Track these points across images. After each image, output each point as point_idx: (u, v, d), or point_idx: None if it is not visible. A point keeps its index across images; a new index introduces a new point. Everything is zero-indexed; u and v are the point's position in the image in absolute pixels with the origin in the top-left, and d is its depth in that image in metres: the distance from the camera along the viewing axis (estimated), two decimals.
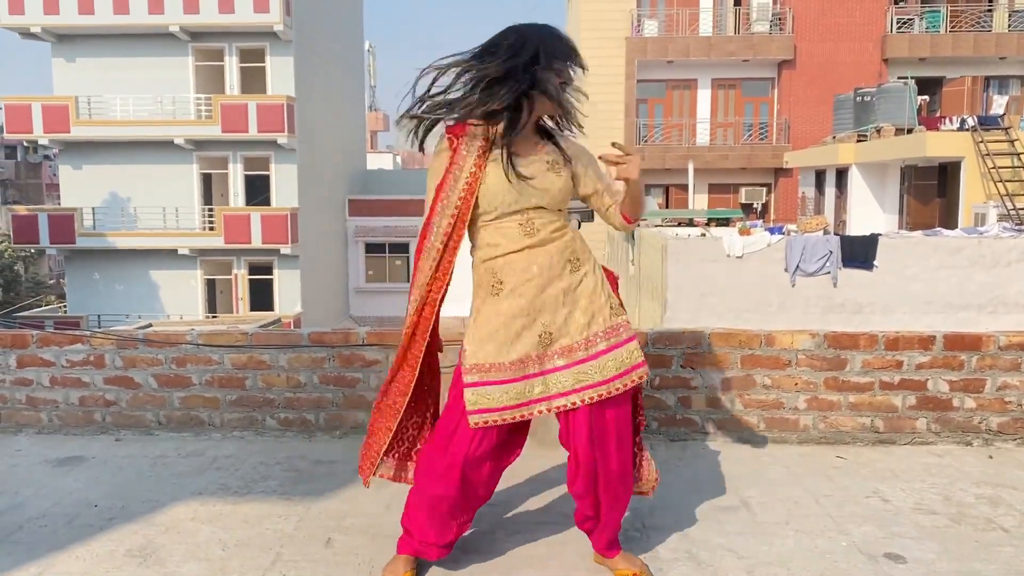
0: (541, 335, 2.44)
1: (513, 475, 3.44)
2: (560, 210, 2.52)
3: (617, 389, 2.44)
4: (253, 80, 24.95)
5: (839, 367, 3.82)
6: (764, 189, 27.08)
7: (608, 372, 2.44)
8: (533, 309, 2.43)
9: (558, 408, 2.44)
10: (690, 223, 18.65)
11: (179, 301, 24.67)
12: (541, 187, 2.44)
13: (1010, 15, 25.53)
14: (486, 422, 2.42)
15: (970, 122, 18.31)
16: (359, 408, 3.95)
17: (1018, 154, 17.34)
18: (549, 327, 2.44)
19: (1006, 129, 17.89)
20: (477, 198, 2.43)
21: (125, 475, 3.49)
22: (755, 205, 26.76)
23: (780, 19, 26.07)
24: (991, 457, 3.67)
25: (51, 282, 36.63)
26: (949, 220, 18.14)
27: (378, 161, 43.28)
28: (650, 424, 3.88)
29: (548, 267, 2.45)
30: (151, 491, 3.30)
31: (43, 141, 24.94)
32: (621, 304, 2.56)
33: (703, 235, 13.63)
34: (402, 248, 29.36)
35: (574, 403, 2.43)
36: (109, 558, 2.72)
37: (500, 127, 2.40)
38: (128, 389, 4.00)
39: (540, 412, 2.45)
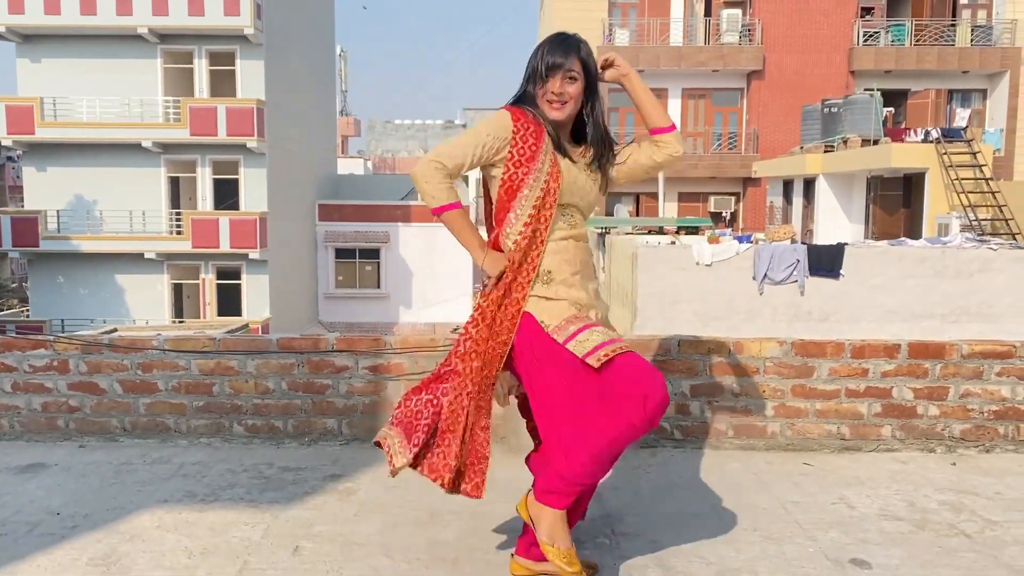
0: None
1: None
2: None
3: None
4: (223, 83, 24.74)
5: (806, 374, 3.86)
6: (733, 198, 27.36)
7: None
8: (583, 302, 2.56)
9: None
10: (660, 231, 18.76)
11: (145, 306, 24.34)
12: (583, 188, 2.60)
13: (972, 30, 26.06)
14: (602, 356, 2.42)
15: (934, 134, 18.64)
16: (328, 415, 3.93)
17: (980, 166, 17.67)
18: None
19: (968, 141, 18.23)
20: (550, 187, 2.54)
21: (89, 482, 3.44)
22: (724, 214, 27.03)
23: (749, 30, 26.38)
24: (954, 464, 3.73)
25: (13, 286, 35.98)
26: (913, 230, 18.44)
27: (349, 166, 43.09)
28: None
29: (582, 267, 2.60)
30: (115, 499, 3.25)
31: (7, 142, 24.49)
32: None
33: (673, 243, 13.71)
34: (372, 254, 29.24)
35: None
36: (71, 567, 2.68)
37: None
38: (92, 395, 3.94)
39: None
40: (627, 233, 18.10)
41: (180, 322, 24.18)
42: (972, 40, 25.97)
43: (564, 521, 2.50)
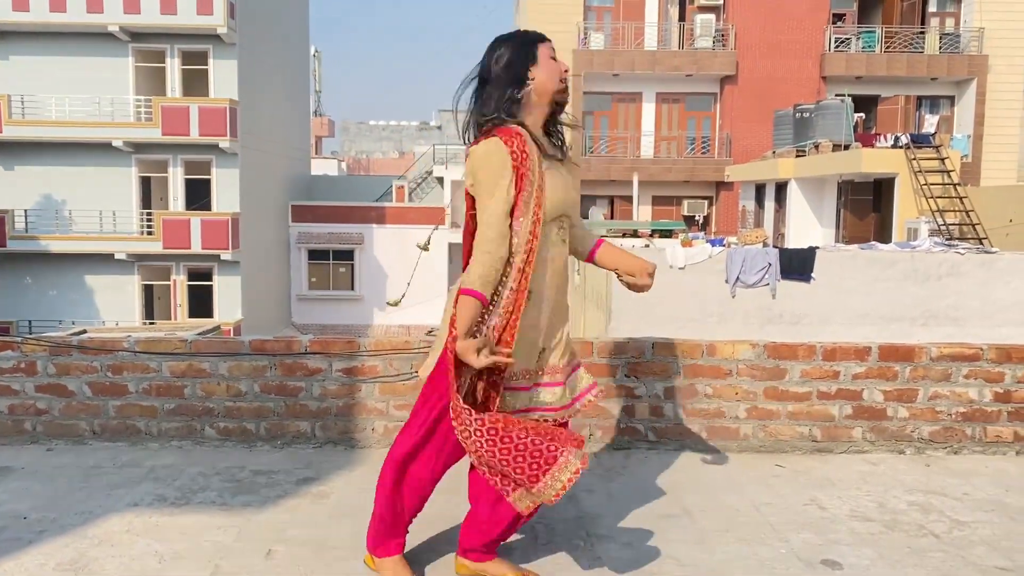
0: (542, 351, 2.51)
1: (454, 488, 3.43)
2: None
3: (576, 411, 2.61)
4: (195, 83, 24.52)
5: (778, 377, 3.89)
6: (706, 202, 27.55)
7: (566, 399, 2.56)
8: (544, 322, 2.50)
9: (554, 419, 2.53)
10: (634, 234, 18.86)
11: (115, 307, 24.04)
12: (574, 194, 2.57)
13: (940, 38, 26.46)
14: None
15: (903, 140, 18.90)
16: (301, 417, 3.90)
17: (948, 172, 17.94)
18: (547, 343, 2.52)
19: (937, 147, 18.51)
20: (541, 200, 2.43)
21: (56, 486, 3.38)
22: (697, 217, 27.21)
23: (723, 35, 26.59)
24: (928, 465, 3.77)
25: None
26: (883, 234, 18.67)
27: (323, 167, 42.83)
28: (594, 432, 3.90)
29: (564, 275, 2.54)
30: (84, 503, 3.20)
31: None
32: None
33: (647, 246, 13.79)
34: (346, 255, 29.09)
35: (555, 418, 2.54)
36: (39, 572, 2.64)
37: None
38: (61, 397, 3.89)
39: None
40: (602, 236, 18.16)
41: (151, 323, 23.92)
42: (940, 48, 26.37)
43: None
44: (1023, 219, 16.48)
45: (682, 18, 27.24)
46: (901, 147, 18.54)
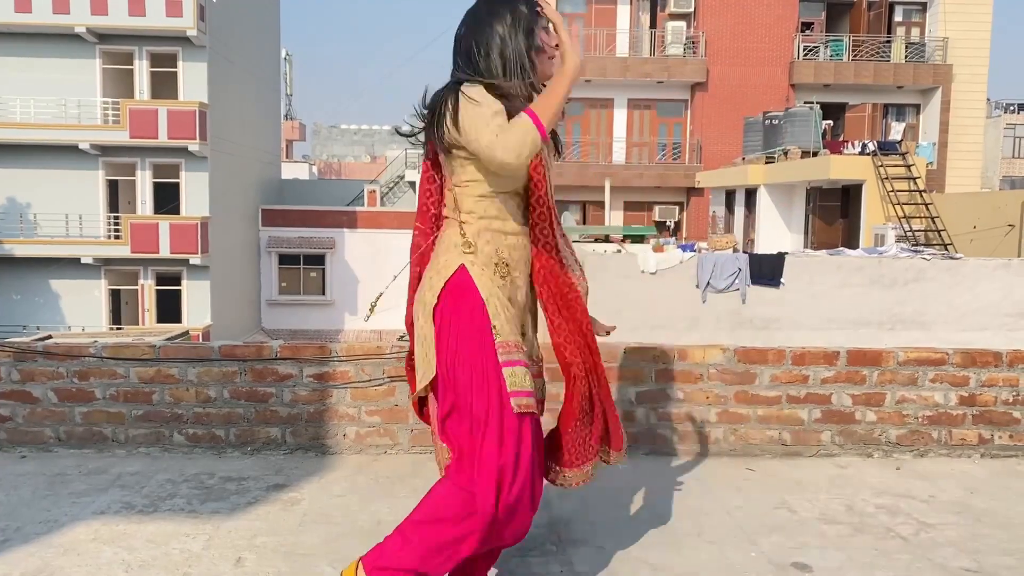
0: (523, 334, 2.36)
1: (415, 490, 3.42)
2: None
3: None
4: (164, 85, 24.28)
5: (749, 381, 3.92)
6: (677, 207, 27.75)
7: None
8: (520, 306, 2.37)
9: None
10: (606, 239, 18.94)
11: (81, 312, 23.70)
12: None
13: (906, 47, 26.91)
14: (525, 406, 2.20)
15: (871, 147, 19.19)
16: (271, 423, 3.86)
17: (914, 178, 18.22)
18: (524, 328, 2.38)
19: (903, 154, 18.81)
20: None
21: (20, 494, 3.32)
22: (668, 223, 27.39)
23: (693, 43, 26.82)
24: (896, 468, 3.82)
25: None
26: (851, 240, 18.93)
27: (293, 171, 42.56)
28: None
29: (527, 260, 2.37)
30: (49, 511, 3.15)
31: None
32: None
33: (619, 251, 13.84)
34: (317, 260, 28.91)
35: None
36: None
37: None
38: (25, 404, 3.82)
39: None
40: (574, 241, 18.23)
41: (118, 329, 23.60)
42: (906, 56, 26.82)
43: None
44: (987, 225, 16.79)
45: (653, 25, 27.45)
46: (868, 154, 18.82)
